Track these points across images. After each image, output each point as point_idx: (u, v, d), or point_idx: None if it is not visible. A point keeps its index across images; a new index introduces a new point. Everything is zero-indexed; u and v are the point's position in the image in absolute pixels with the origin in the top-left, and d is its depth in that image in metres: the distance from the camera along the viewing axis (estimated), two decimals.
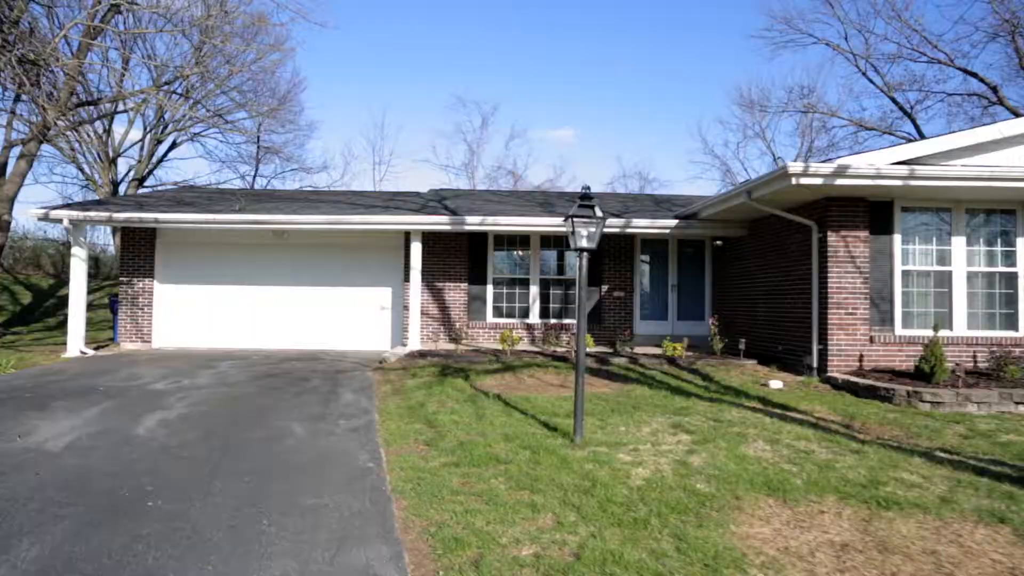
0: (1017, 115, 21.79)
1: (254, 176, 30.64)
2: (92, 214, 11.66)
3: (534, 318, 13.49)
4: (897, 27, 24.59)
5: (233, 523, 4.01)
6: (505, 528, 3.86)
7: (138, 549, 3.61)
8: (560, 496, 4.31)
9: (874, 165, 8.47)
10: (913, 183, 8.45)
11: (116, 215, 11.66)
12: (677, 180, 54.04)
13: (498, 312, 13.55)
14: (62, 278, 24.73)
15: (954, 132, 9.45)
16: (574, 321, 12.37)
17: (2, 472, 4.87)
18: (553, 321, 13.41)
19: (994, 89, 23.69)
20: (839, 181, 8.38)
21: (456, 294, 13.52)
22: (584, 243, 5.57)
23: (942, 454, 5.37)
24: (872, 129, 24.61)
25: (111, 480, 4.75)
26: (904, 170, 8.34)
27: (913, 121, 23.92)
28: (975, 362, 9.26)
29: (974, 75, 23.90)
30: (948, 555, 3.45)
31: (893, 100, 24.10)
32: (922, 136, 23.57)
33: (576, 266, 12.41)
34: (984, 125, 9.36)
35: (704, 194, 18.90)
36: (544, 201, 15.74)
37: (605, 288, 13.61)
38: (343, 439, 6.07)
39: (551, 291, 13.65)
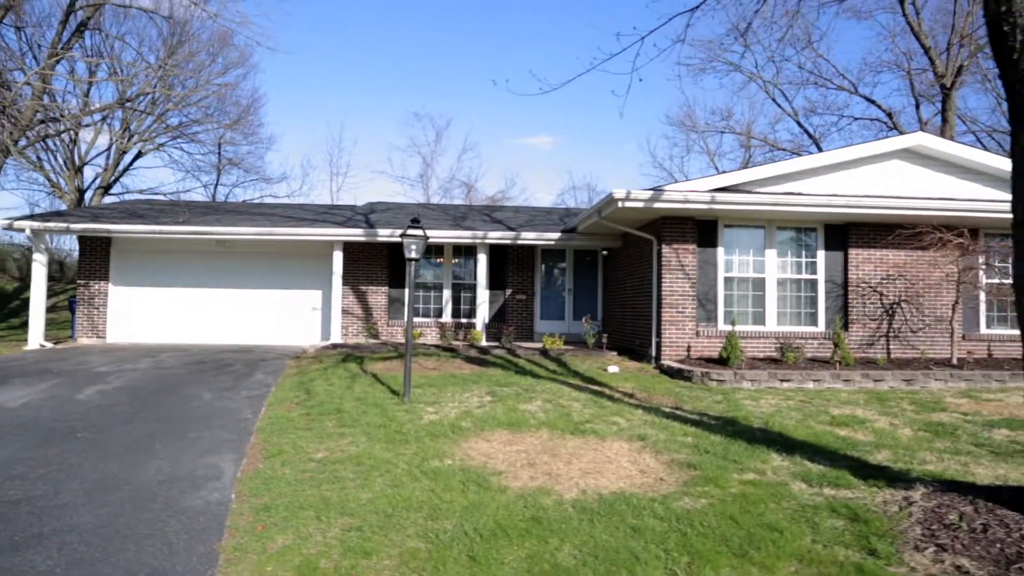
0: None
1: (215, 186, 32.31)
2: (51, 224, 13.42)
3: (447, 317, 15.49)
4: (811, 56, 27.15)
5: (134, 445, 5.94)
6: (315, 445, 5.84)
7: (66, 455, 5.53)
8: (363, 429, 6.31)
9: (689, 191, 10.61)
10: (716, 207, 10.63)
11: (73, 226, 13.44)
12: None
13: (415, 312, 15.52)
14: (27, 282, 26.17)
15: (765, 164, 11.66)
16: (478, 319, 14.39)
17: None
18: (464, 320, 15.43)
19: (890, 115, 26.34)
20: (657, 204, 10.51)
21: (378, 296, 15.48)
22: (413, 254, 7.59)
23: (667, 409, 7.46)
24: (783, 149, 27.11)
25: (53, 423, 6.64)
26: (707, 196, 10.51)
27: (816, 143, 26.48)
28: (781, 351, 11.41)
29: (873, 102, 26.56)
30: (579, 453, 5.50)
31: (799, 124, 26.66)
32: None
33: (478, 273, 14.49)
34: (789, 159, 11.57)
35: None
36: (463, 215, 17.76)
37: (509, 292, 15.66)
38: (238, 402, 7.99)
39: (462, 294, 15.66)
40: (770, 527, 3.96)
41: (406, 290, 15.53)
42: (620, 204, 10.43)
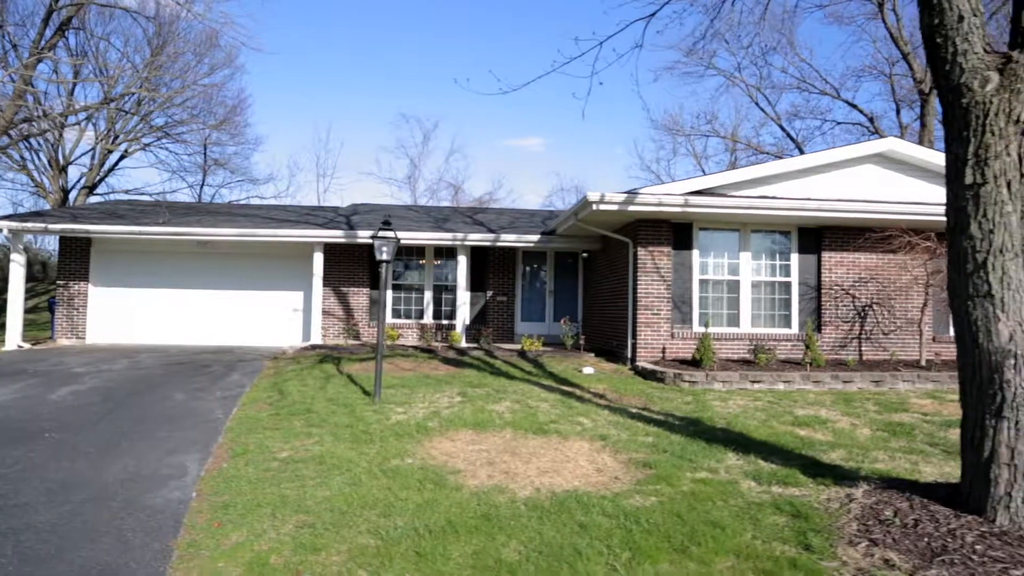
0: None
1: (201, 186, 32.22)
2: (29, 225, 13.40)
3: (427, 319, 15.56)
4: (794, 61, 27.46)
5: (102, 445, 5.99)
6: (281, 444, 5.91)
7: (31, 455, 5.58)
8: (330, 429, 6.38)
9: (663, 194, 10.74)
10: (690, 210, 10.77)
11: (52, 226, 13.42)
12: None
13: (396, 314, 15.59)
14: (7, 283, 26.01)
15: (743, 167, 11.82)
16: (458, 321, 14.48)
17: None
18: (445, 322, 15.50)
19: (871, 120, 26.65)
20: (631, 207, 10.64)
21: (359, 298, 15.53)
22: (384, 256, 7.67)
23: (634, 410, 7.58)
24: (766, 153, 27.36)
25: (22, 423, 6.68)
26: (681, 199, 10.64)
27: (799, 147, 26.73)
28: (754, 353, 11.56)
29: (855, 106, 26.87)
30: (540, 453, 5.60)
31: (782, 128, 26.91)
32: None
33: (458, 274, 14.59)
34: (767, 162, 11.73)
35: None
36: (445, 217, 17.84)
37: (490, 293, 15.74)
38: (211, 402, 8.03)
39: (443, 296, 15.73)
40: (714, 524, 4.07)
41: (388, 291, 15.63)
42: (595, 207, 10.55)
